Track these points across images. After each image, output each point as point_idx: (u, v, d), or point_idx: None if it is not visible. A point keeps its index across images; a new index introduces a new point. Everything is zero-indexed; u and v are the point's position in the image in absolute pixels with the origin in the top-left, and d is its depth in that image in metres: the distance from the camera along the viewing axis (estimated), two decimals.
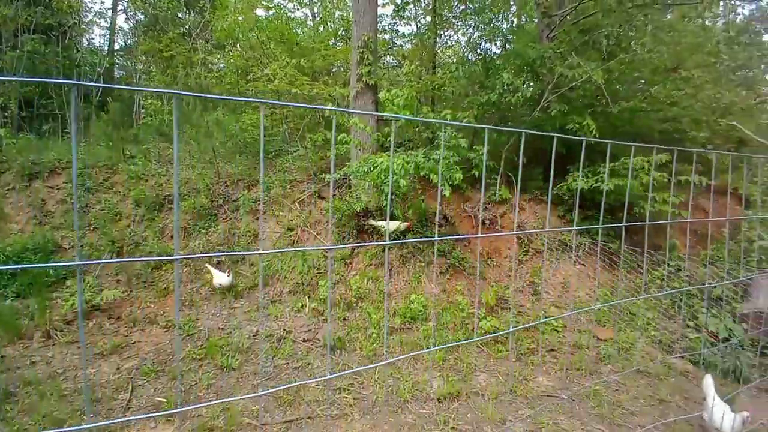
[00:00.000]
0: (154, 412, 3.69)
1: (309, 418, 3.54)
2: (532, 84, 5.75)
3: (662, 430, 3.59)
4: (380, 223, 6.17)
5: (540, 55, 5.89)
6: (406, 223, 6.20)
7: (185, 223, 7.18)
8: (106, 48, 14.12)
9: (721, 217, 8.82)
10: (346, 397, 3.83)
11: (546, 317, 5.37)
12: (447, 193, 5.05)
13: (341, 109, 6.12)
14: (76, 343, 5.06)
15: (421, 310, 5.33)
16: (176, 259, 1.03)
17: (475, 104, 5.94)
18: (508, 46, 6.97)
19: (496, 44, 7.55)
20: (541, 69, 5.98)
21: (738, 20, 13.73)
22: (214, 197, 7.52)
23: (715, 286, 5.71)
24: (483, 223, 6.49)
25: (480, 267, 6.23)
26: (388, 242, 1.26)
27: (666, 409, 3.93)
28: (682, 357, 4.86)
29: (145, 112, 9.01)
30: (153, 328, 5.36)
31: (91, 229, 7.09)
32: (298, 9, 11.01)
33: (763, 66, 13.62)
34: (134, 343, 5.07)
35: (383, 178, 4.97)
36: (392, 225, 6.13)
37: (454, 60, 8.43)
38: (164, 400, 3.87)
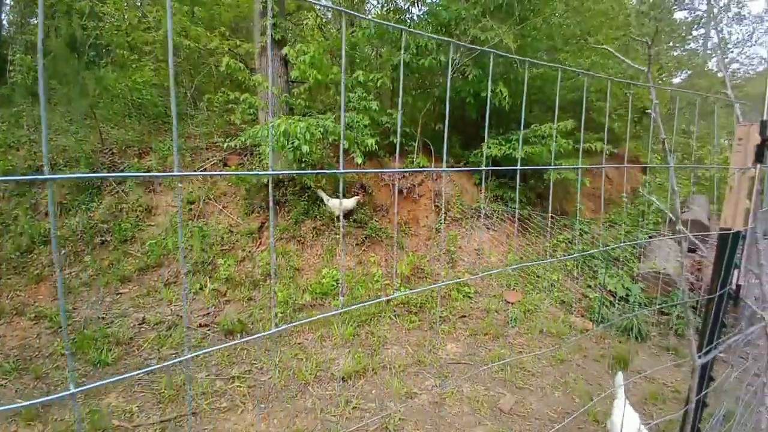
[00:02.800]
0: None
1: (193, 414, 3.13)
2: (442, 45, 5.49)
3: (562, 391, 3.69)
4: (330, 201, 5.70)
5: (454, 16, 5.62)
6: (357, 197, 5.85)
7: (62, 198, 6.16)
8: None
9: (622, 184, 9.51)
10: (240, 386, 3.47)
11: (448, 281, 5.37)
12: (359, 160, 4.71)
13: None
14: None
15: (333, 285, 5.05)
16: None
17: (389, 65, 5.57)
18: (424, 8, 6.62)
19: (416, 5, 7.16)
20: (455, 31, 5.75)
21: None
22: (96, 167, 6.49)
23: (612, 248, 6.06)
24: (400, 192, 6.28)
25: (396, 236, 6.06)
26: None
27: (566, 368, 4.06)
28: (582, 316, 5.11)
29: (14, 70, 7.45)
30: (21, 320, 4.53)
31: None
32: None
33: (671, 42, 14.63)
34: None
35: (284, 143, 4.48)
36: (347, 203, 5.73)
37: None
38: (24, 402, 3.22)
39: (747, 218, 1.41)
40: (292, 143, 4.45)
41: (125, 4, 7.73)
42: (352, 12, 0.89)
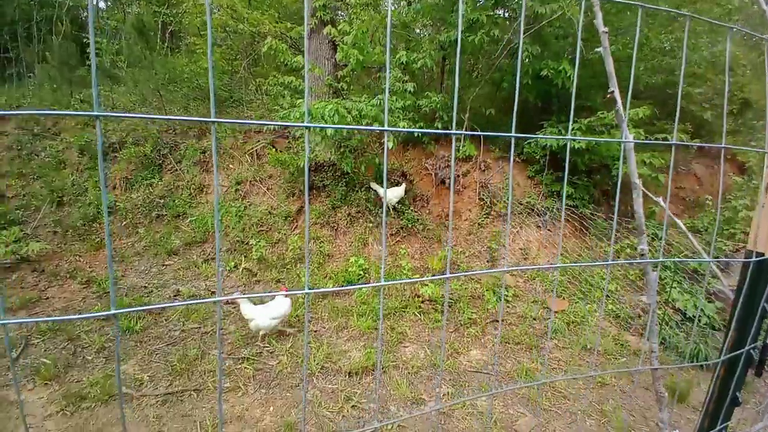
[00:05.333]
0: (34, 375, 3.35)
1: (195, 390, 3.16)
2: (498, 19, 4.94)
3: (596, 420, 3.19)
4: (382, 191, 5.63)
5: None
6: (404, 185, 5.71)
7: (127, 173, 6.67)
8: None
9: (714, 186, 8.16)
10: (248, 368, 3.44)
11: (499, 284, 4.92)
12: (391, 144, 4.45)
13: None
14: None
15: (360, 274, 4.89)
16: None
17: (434, 43, 5.17)
18: None
19: None
20: (510, 3, 5.17)
21: None
22: (160, 146, 6.94)
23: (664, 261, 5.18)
24: (443, 182, 5.91)
25: (436, 229, 5.72)
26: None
27: (606, 393, 3.52)
28: (640, 335, 4.42)
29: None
30: (72, 284, 4.98)
31: (35, 177, 6.61)
32: None
33: None
34: (47, 298, 4.71)
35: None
36: (396, 192, 5.62)
37: None
38: (48, 361, 3.50)
39: None
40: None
41: None
42: None
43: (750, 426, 1.22)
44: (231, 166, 6.79)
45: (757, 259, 0.98)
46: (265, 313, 3.70)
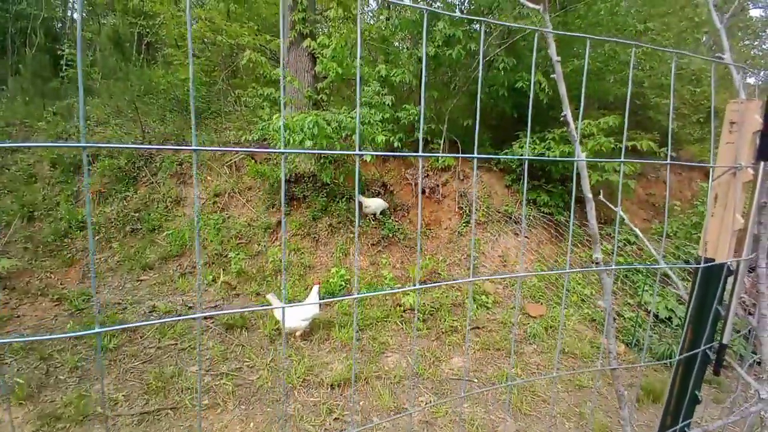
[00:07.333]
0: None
1: (173, 408, 3.09)
2: (474, 34, 5.10)
3: (575, 423, 3.25)
4: (368, 202, 5.65)
5: (490, 2, 5.22)
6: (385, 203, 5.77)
7: (101, 187, 6.51)
8: None
9: (682, 192, 8.50)
10: (227, 384, 3.38)
11: (479, 292, 4.98)
12: (368, 158, 4.49)
13: None
14: None
15: (341, 285, 4.88)
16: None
17: (413, 58, 5.28)
18: None
19: None
20: (488, 17, 5.33)
21: None
22: (135, 158, 6.81)
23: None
24: (423, 191, 5.98)
25: (416, 239, 5.77)
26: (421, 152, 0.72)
27: (584, 396, 3.59)
28: (614, 337, 4.54)
29: (65, 64, 8.04)
30: (43, 301, 4.81)
31: (6, 191, 6.38)
32: None
33: (747, 41, 13.16)
34: (18, 317, 4.54)
35: (287, 137, 4.37)
36: (377, 203, 5.64)
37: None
38: (21, 381, 3.36)
39: (739, 245, 1.03)
40: (299, 138, 4.32)
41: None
42: None
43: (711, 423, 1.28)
44: (209, 177, 6.71)
45: (707, 264, 1.04)
46: (296, 315, 3.85)
